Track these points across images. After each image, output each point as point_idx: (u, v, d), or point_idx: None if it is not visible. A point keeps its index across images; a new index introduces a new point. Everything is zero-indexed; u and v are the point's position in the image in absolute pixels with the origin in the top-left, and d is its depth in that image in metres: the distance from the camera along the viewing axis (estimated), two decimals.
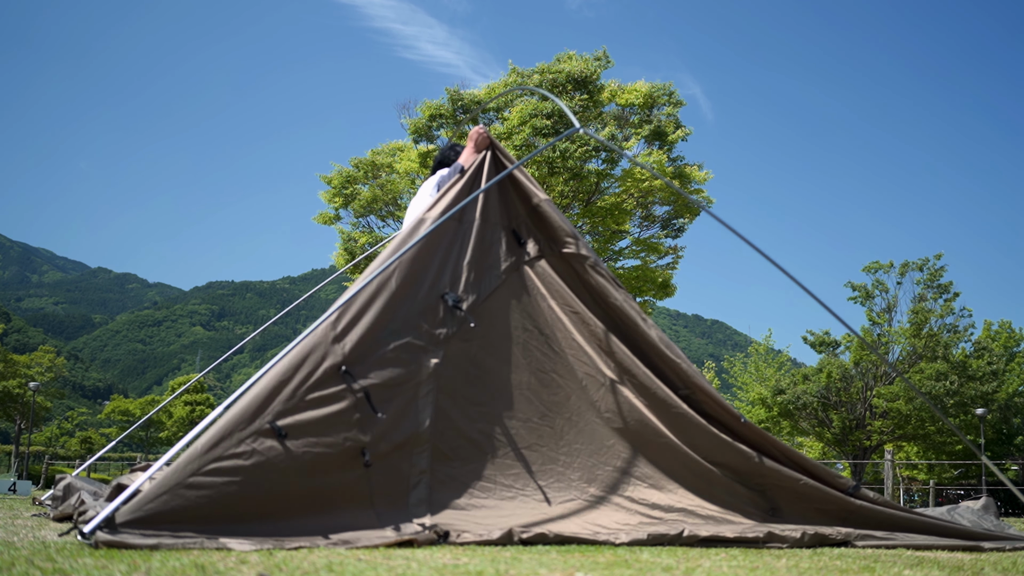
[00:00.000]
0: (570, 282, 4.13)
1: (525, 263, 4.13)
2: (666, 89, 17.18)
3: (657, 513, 3.45)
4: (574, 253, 4.13)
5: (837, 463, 33.70)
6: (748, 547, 2.85)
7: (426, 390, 3.52)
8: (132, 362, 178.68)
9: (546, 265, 4.14)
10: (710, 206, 17.70)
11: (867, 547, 3.02)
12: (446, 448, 3.51)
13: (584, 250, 4.13)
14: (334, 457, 2.99)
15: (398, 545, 2.36)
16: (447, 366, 3.64)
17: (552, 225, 4.20)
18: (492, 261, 4.05)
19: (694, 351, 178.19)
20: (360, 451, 3.10)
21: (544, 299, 4.05)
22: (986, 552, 3.02)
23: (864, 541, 3.08)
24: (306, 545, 2.24)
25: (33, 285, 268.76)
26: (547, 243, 4.22)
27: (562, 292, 4.07)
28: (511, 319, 3.98)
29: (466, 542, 2.56)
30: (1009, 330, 30.88)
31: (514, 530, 2.76)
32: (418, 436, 3.41)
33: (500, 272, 4.03)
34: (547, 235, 4.23)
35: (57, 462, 36.03)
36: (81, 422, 63.30)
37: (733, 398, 35.99)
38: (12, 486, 11.05)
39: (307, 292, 5.99)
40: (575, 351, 3.97)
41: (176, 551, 1.98)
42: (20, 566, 1.68)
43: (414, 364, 3.53)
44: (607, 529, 3.08)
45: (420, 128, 16.94)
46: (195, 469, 2.51)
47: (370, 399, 3.23)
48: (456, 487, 3.43)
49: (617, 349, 3.94)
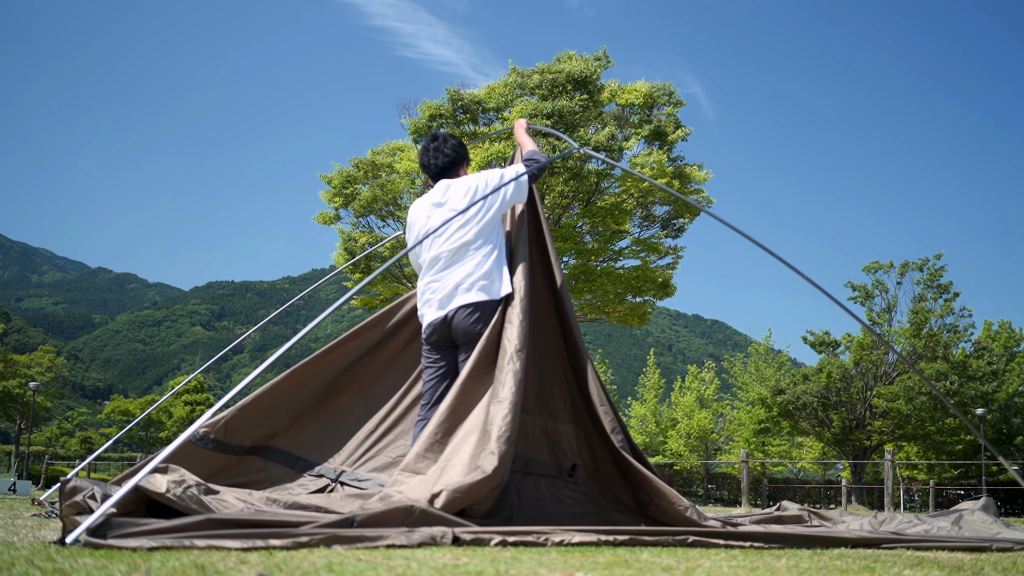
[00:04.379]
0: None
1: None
2: (666, 89, 17.18)
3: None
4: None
5: (837, 463, 33.75)
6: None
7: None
8: (132, 362, 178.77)
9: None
10: (710, 206, 17.71)
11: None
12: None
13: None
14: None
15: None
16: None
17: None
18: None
19: (694, 351, 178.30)
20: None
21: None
22: (990, 552, 3.02)
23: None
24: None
25: (33, 285, 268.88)
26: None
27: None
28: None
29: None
30: (1009, 330, 30.90)
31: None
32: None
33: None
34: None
35: (57, 462, 36.04)
36: (81, 422, 63.34)
37: (733, 398, 36.03)
38: (12, 486, 11.06)
39: (309, 294, 5.97)
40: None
41: (176, 551, 1.98)
42: (20, 566, 1.68)
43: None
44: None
45: (420, 128, 16.94)
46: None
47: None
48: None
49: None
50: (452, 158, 3.95)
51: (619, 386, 52.92)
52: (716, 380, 37.09)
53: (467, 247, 3.71)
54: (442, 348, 3.80)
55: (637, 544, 2.69)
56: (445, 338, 3.76)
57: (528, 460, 3.52)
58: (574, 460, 3.64)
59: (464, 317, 3.65)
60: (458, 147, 3.97)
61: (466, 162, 4.03)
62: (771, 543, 2.88)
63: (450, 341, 3.77)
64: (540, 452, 3.60)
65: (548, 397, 3.73)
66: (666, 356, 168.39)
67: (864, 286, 25.37)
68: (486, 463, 2.92)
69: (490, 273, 3.68)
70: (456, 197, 3.79)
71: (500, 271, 3.72)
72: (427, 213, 3.88)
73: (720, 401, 37.26)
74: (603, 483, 3.66)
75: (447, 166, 3.95)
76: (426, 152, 3.99)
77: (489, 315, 3.62)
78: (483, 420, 3.21)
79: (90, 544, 1.99)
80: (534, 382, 3.66)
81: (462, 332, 3.66)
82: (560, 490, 3.55)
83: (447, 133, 4.03)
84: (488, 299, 3.65)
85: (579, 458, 3.67)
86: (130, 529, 2.08)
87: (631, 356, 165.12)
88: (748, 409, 31.47)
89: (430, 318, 3.78)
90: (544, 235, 4.04)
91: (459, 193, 3.79)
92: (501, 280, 3.69)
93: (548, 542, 2.54)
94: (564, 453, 3.65)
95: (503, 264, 3.74)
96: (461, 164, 3.98)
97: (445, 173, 3.96)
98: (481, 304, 3.64)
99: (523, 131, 4.35)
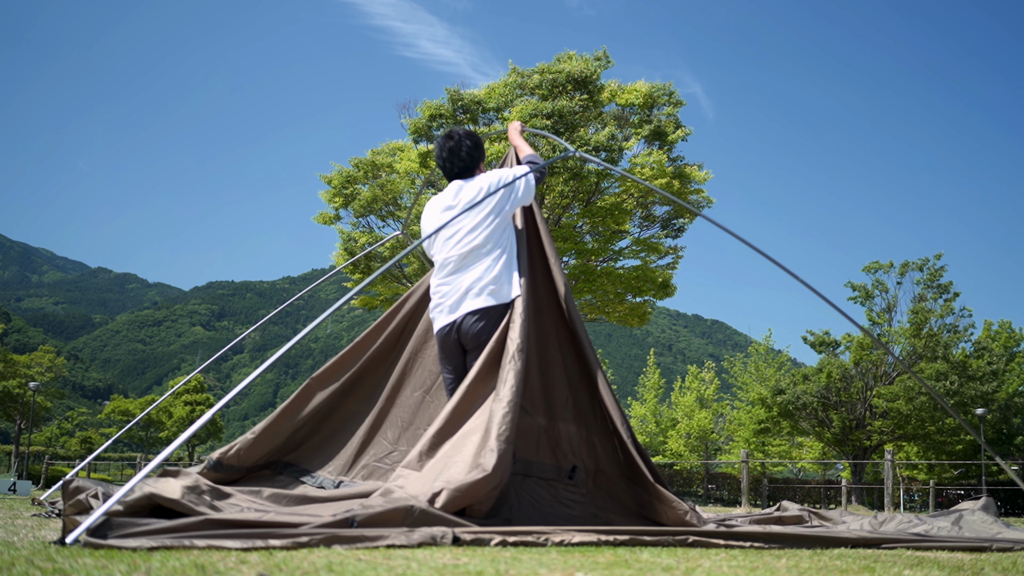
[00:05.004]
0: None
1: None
2: (666, 89, 17.19)
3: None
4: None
5: (837, 463, 33.75)
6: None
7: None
8: (132, 362, 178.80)
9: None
10: (710, 206, 17.71)
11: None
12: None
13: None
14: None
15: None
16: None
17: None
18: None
19: (694, 351, 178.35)
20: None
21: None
22: (990, 552, 3.02)
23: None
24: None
25: (33, 285, 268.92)
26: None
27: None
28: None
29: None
30: (1009, 330, 30.90)
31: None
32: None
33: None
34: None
35: (57, 462, 36.04)
36: (81, 422, 63.34)
37: (733, 398, 36.03)
38: (12, 486, 11.05)
39: (308, 294, 5.97)
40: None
41: (176, 551, 1.98)
42: (20, 566, 1.68)
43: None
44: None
45: (420, 128, 16.95)
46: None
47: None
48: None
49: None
50: (467, 163, 3.86)
51: (619, 386, 52.85)
52: (716, 380, 37.09)
53: (477, 251, 3.67)
54: (454, 356, 3.77)
55: (637, 544, 2.69)
56: (455, 343, 3.73)
57: (528, 462, 3.52)
58: (574, 462, 3.64)
59: (473, 323, 3.62)
60: (473, 150, 3.87)
61: (482, 161, 3.95)
62: (771, 543, 2.88)
63: (460, 347, 3.74)
64: (540, 454, 3.59)
65: (549, 396, 3.72)
66: (666, 356, 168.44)
67: (864, 286, 25.36)
68: (486, 461, 2.92)
69: (499, 277, 3.65)
70: (466, 200, 3.75)
71: (510, 275, 3.68)
72: (438, 218, 3.84)
73: (720, 401, 37.26)
74: (604, 484, 3.66)
75: (462, 170, 3.88)
76: (441, 153, 3.91)
77: (498, 320, 3.60)
78: (485, 419, 3.22)
79: (90, 544, 1.99)
80: (536, 381, 3.65)
81: (471, 337, 3.63)
82: (560, 492, 3.54)
83: (464, 131, 3.91)
84: (497, 304, 3.62)
85: (579, 460, 3.66)
86: (130, 529, 2.08)
87: (631, 356, 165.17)
88: (748, 409, 31.46)
89: (440, 324, 3.76)
90: (543, 236, 4.03)
91: (469, 196, 3.74)
92: (510, 284, 3.66)
93: (548, 542, 2.54)
94: (564, 454, 3.65)
95: (513, 268, 3.71)
96: (476, 166, 3.91)
97: (460, 175, 3.89)
98: (490, 309, 3.62)
99: (518, 134, 4.28)
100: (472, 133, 3.92)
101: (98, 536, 2.02)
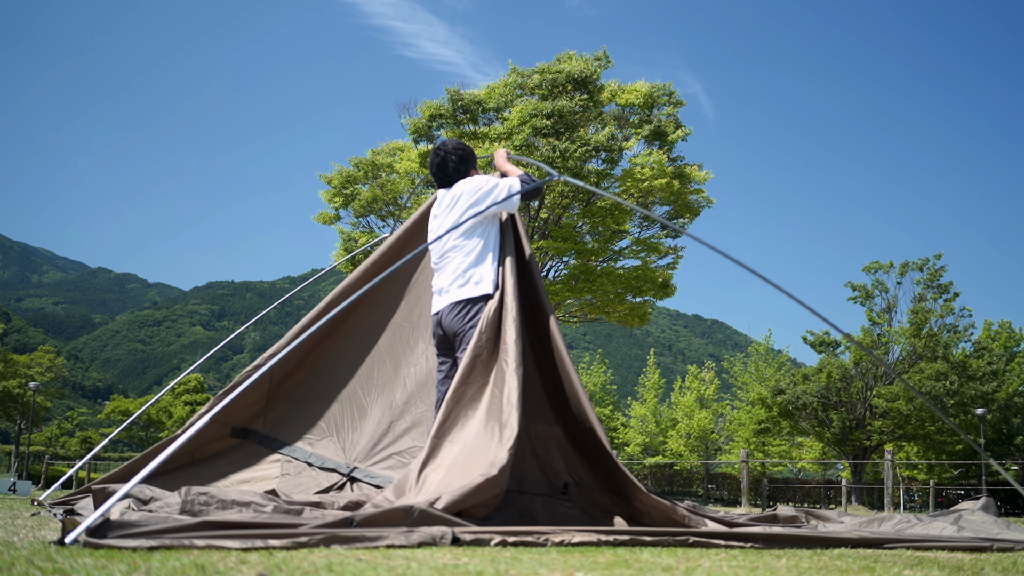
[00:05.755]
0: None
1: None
2: (666, 89, 17.19)
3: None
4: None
5: (837, 463, 33.74)
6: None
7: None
8: (132, 362, 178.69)
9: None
10: (710, 206, 17.72)
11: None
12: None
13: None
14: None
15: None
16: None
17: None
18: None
19: (694, 351, 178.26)
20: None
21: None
22: (990, 552, 3.02)
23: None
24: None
25: (33, 285, 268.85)
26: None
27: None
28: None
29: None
30: (1009, 330, 30.90)
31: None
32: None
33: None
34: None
35: (57, 462, 36.04)
36: (81, 422, 63.25)
37: (733, 398, 36.03)
38: (12, 486, 11.04)
39: (307, 293, 5.97)
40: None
41: (176, 551, 1.98)
42: (20, 566, 1.68)
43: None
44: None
45: (420, 128, 16.94)
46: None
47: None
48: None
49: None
50: (454, 177, 4.06)
51: (619, 386, 52.87)
52: (716, 380, 37.07)
53: (453, 248, 3.87)
54: (445, 351, 3.93)
55: (637, 544, 2.69)
56: (443, 339, 3.89)
57: (521, 480, 3.56)
58: (565, 479, 3.70)
59: (452, 315, 3.79)
60: (459, 164, 4.04)
61: (472, 169, 4.11)
62: (771, 543, 2.88)
63: (448, 342, 3.88)
64: (531, 471, 3.65)
65: (524, 398, 3.75)
66: (666, 356, 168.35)
67: (864, 286, 25.35)
68: (489, 467, 2.93)
69: (471, 270, 3.79)
70: (447, 207, 3.98)
71: (483, 267, 3.80)
72: (428, 225, 4.14)
73: (720, 401, 37.25)
74: (595, 495, 3.67)
75: (451, 181, 4.06)
76: (431, 165, 4.11)
77: (472, 312, 3.72)
78: (480, 429, 3.23)
79: (90, 544, 1.99)
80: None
81: (453, 330, 3.79)
82: (555, 507, 3.56)
83: (452, 146, 4.08)
84: (471, 296, 3.76)
85: (569, 476, 3.70)
86: (130, 529, 2.08)
87: (631, 356, 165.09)
88: (748, 409, 31.46)
89: (431, 314, 4.01)
90: (521, 237, 4.05)
91: (448, 204, 3.97)
92: (484, 276, 3.78)
93: (548, 542, 2.53)
94: (555, 472, 3.70)
95: (486, 260, 3.82)
96: (465, 175, 4.08)
97: (448, 186, 4.07)
98: (465, 301, 3.77)
99: (505, 160, 4.34)
100: (460, 146, 4.09)
101: (98, 536, 2.02)
